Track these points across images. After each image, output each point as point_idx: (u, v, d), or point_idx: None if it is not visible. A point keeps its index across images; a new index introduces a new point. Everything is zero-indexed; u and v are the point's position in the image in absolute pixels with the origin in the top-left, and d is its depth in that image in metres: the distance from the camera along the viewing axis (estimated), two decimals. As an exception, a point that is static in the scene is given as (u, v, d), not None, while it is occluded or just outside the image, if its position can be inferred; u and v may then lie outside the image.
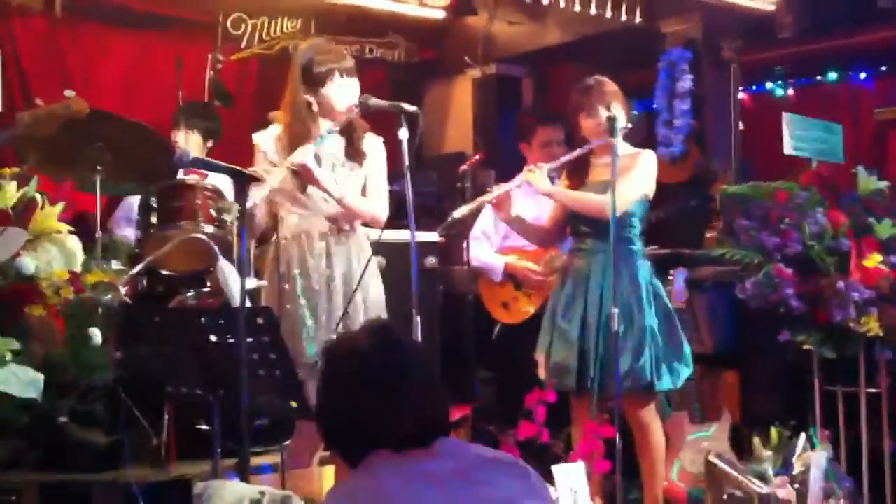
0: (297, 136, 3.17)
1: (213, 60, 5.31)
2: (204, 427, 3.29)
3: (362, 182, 3.26)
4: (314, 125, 3.20)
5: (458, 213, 3.51)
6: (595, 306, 3.37)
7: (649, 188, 3.48)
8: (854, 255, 3.38)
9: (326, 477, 3.26)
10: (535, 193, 3.62)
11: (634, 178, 3.39)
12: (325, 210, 3.20)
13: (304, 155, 3.10)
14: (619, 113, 3.41)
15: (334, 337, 3.04)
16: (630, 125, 3.47)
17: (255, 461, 3.19)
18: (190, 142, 4.30)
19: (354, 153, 3.24)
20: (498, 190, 3.53)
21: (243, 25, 5.64)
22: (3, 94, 4.61)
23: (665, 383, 3.37)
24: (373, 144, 3.30)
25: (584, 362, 3.35)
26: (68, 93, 3.10)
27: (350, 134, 3.24)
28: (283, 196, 3.20)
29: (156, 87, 5.41)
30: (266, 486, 2.39)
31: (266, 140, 3.25)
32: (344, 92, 3.20)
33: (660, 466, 3.47)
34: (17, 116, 3.11)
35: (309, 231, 3.20)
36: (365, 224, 3.33)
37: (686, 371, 3.42)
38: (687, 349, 3.45)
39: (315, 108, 3.19)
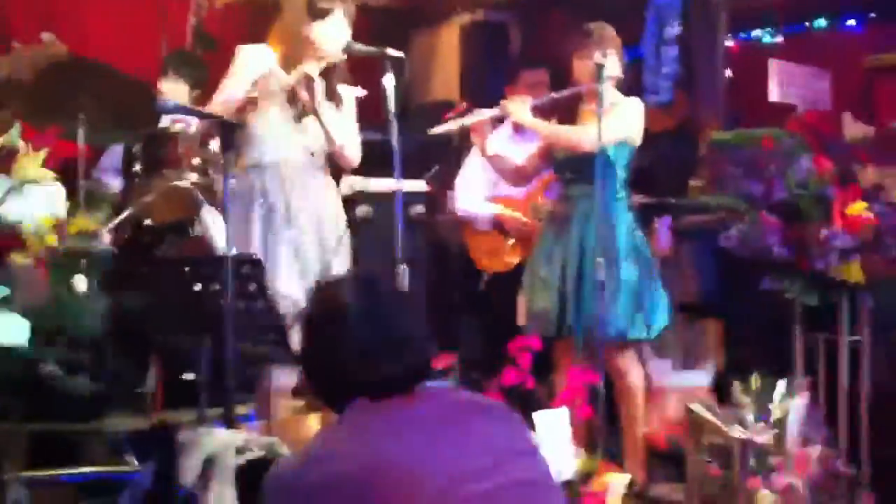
0: (289, 61, 3.17)
1: (196, 6, 5.23)
2: (190, 376, 3.31)
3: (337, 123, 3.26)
4: (305, 57, 3.18)
5: (435, 130, 3.53)
6: (575, 253, 3.40)
7: (632, 133, 3.48)
8: (838, 202, 3.39)
9: (311, 424, 3.29)
10: (522, 140, 3.62)
11: (615, 119, 3.39)
12: (308, 142, 3.20)
13: (311, 68, 3.10)
14: (613, 60, 3.40)
15: (315, 280, 3.08)
16: (621, 74, 3.46)
17: (241, 410, 3.22)
18: (177, 91, 4.26)
19: (333, 94, 3.25)
20: (479, 114, 3.53)
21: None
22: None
23: (638, 332, 3.41)
24: (346, 92, 3.29)
25: (562, 308, 3.39)
26: (46, 36, 3.06)
27: (329, 76, 3.24)
28: (268, 121, 3.18)
29: (140, 33, 5.33)
30: (252, 433, 2.42)
31: (260, 54, 3.21)
32: (337, 32, 3.19)
33: (639, 412, 3.53)
34: None
35: (291, 159, 3.21)
36: (342, 166, 3.34)
37: (662, 322, 3.46)
38: (664, 301, 3.48)
39: (310, 40, 3.17)
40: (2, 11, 5.03)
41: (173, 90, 4.26)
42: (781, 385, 3.13)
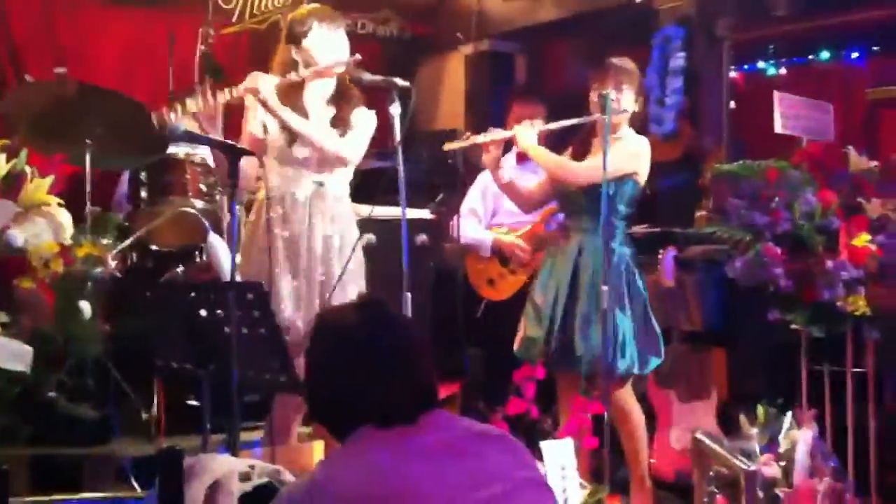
0: (285, 95, 3.15)
1: (204, 35, 5.27)
2: (193, 402, 3.30)
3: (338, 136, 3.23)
4: (306, 79, 3.17)
5: (449, 146, 3.54)
6: (566, 284, 3.41)
7: (635, 169, 3.46)
8: (843, 234, 3.39)
9: (316, 452, 3.27)
10: (534, 170, 3.63)
11: (618, 155, 3.38)
12: (308, 172, 3.18)
13: (256, 80, 3.08)
14: (629, 97, 3.42)
15: (319, 307, 3.06)
16: (636, 109, 3.46)
17: (245, 436, 3.21)
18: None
19: (340, 121, 3.23)
20: (492, 133, 3.54)
21: (234, -1, 5.61)
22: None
23: (631, 367, 3.38)
24: (362, 116, 3.28)
25: (548, 336, 3.39)
26: (58, 70, 3.09)
27: (339, 103, 3.23)
28: (271, 154, 3.18)
29: (149, 63, 5.38)
30: (256, 460, 2.40)
31: (268, 83, 3.20)
32: (325, 43, 3.18)
33: (641, 446, 3.50)
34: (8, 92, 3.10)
35: (294, 193, 3.19)
36: (332, 161, 3.30)
37: (655, 360, 3.45)
38: (658, 337, 3.48)
39: (301, 64, 3.17)
40: (16, 44, 5.08)
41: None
42: (788, 416, 3.11)
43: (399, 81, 3.03)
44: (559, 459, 2.69)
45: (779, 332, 3.53)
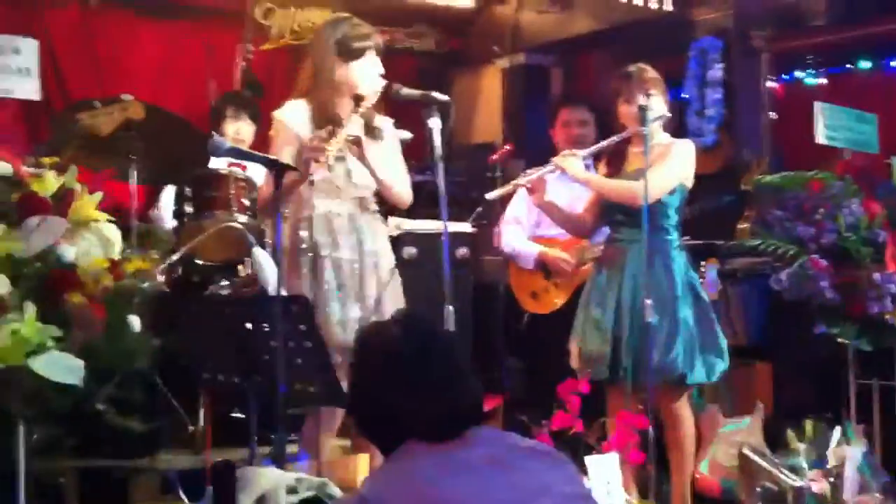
0: (324, 107, 3.16)
1: (243, 50, 5.34)
2: (239, 415, 3.32)
3: (381, 159, 3.24)
4: (342, 98, 3.19)
5: (492, 195, 3.53)
6: (629, 296, 3.36)
7: (685, 177, 3.46)
8: (890, 246, 3.35)
9: (361, 465, 3.28)
10: (568, 181, 3.61)
11: (668, 167, 3.38)
12: (349, 191, 3.20)
13: (355, 127, 3.10)
14: (658, 101, 3.40)
15: (364, 324, 3.06)
16: (669, 114, 3.45)
17: (291, 449, 3.22)
18: (242, 131, 4.28)
19: (371, 131, 3.24)
20: (532, 174, 3.54)
21: (272, 15, 5.66)
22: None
23: (698, 376, 3.37)
24: (384, 123, 3.29)
25: (616, 352, 3.35)
26: (125, 97, 3.15)
27: (368, 114, 3.24)
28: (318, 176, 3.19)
29: (186, 78, 5.45)
30: (302, 473, 2.41)
31: (293, 113, 3.22)
32: (373, 71, 3.20)
33: (689, 459, 3.46)
34: (72, 116, 3.16)
35: (338, 211, 3.20)
36: (394, 205, 3.33)
37: (721, 365, 3.41)
38: (723, 342, 3.44)
39: (342, 81, 3.18)
40: (60, 60, 5.17)
41: (244, 130, 4.29)
42: (837, 431, 3.07)
43: (438, 96, 3.04)
44: (604, 474, 2.67)
45: (825, 346, 3.49)
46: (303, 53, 5.40)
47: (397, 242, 3.85)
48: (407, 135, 3.58)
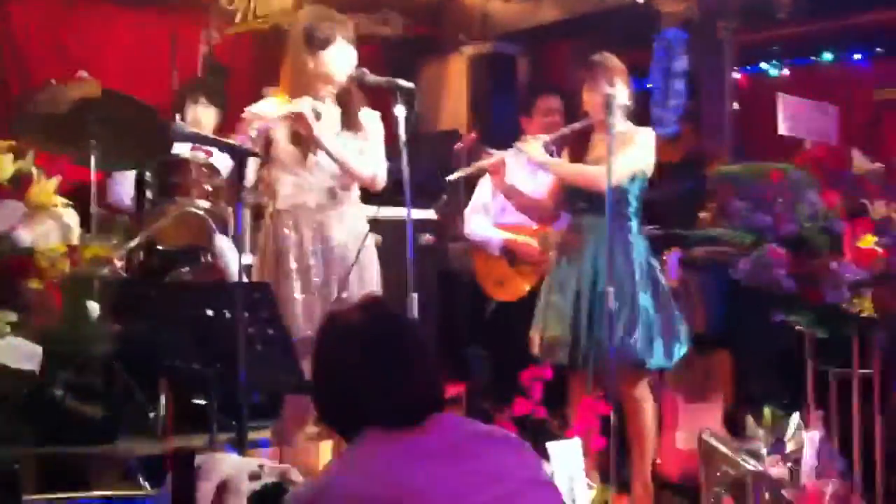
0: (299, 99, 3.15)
1: (206, 36, 5.28)
2: (200, 401, 3.30)
3: (359, 150, 3.25)
4: (314, 89, 3.18)
5: (453, 176, 3.54)
6: (588, 282, 3.40)
7: (646, 165, 3.50)
8: (848, 235, 3.39)
9: (323, 452, 3.27)
10: (532, 169, 3.63)
11: (629, 154, 3.41)
12: (321, 180, 3.18)
13: (301, 105, 3.09)
14: (622, 90, 3.42)
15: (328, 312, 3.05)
16: (631, 104, 3.48)
17: (252, 436, 3.21)
18: (207, 116, 4.23)
19: (350, 123, 3.23)
20: (494, 156, 3.55)
21: (237, 0, 5.61)
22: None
23: (657, 361, 3.41)
24: (370, 117, 3.29)
25: (577, 338, 3.38)
26: (81, 73, 3.10)
27: (346, 103, 3.24)
28: (280, 165, 3.18)
29: (153, 65, 5.39)
30: (264, 459, 2.40)
31: (265, 109, 3.21)
32: (343, 58, 3.19)
33: (649, 444, 3.51)
34: (29, 98, 3.11)
35: (305, 203, 3.19)
36: (363, 187, 3.32)
37: (681, 349, 3.46)
38: (682, 328, 3.49)
39: (315, 71, 3.17)
40: (21, 45, 5.09)
41: (205, 115, 4.25)
42: (795, 418, 3.12)
43: (403, 83, 3.04)
44: (566, 460, 2.69)
45: (784, 334, 3.54)
46: (269, 38, 5.40)
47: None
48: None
